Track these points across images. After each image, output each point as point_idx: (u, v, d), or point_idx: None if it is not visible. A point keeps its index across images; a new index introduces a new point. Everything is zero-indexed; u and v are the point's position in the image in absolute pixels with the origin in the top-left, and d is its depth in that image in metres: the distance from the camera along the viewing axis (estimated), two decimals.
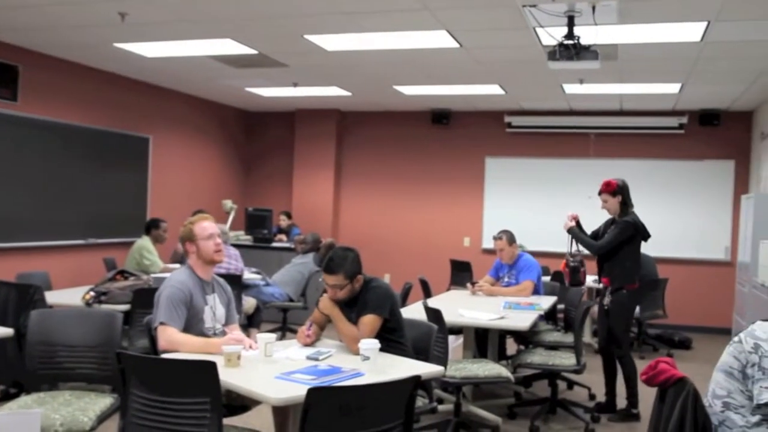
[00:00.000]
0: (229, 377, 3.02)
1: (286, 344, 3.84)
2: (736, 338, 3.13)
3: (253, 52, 7.21)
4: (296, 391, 2.80)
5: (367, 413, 2.72)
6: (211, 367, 2.85)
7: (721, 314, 9.14)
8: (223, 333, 3.81)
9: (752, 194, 7.62)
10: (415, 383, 2.85)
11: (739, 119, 9.80)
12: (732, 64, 7.05)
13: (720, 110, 9.73)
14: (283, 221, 10.53)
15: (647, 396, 3.36)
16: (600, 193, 5.60)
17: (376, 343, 3.32)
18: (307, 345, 3.75)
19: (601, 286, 5.73)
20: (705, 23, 5.63)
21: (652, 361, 3.07)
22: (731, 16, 5.42)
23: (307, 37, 6.54)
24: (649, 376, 3.06)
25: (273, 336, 3.48)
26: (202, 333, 3.70)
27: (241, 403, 3.63)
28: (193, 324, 3.68)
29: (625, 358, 5.48)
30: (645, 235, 5.56)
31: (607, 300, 5.56)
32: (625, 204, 5.54)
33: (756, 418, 2.98)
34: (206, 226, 3.87)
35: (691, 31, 5.88)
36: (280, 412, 3.67)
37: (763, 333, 3.04)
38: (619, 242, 5.47)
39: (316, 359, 3.41)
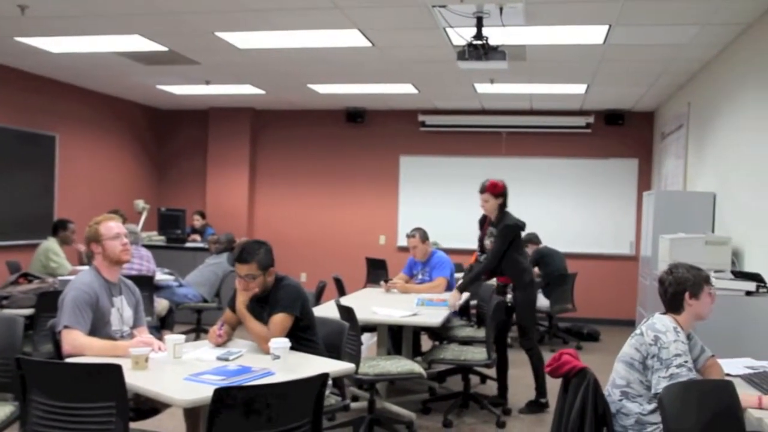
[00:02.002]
0: (136, 380, 2.97)
1: (197, 345, 3.80)
2: (637, 330, 3.28)
3: (163, 49, 7.06)
4: (205, 392, 2.77)
5: (275, 412, 2.73)
6: (116, 370, 2.79)
7: (626, 307, 9.48)
8: (131, 336, 3.73)
9: (653, 191, 7.94)
10: (323, 381, 2.86)
11: (641, 119, 10.20)
12: (633, 66, 7.33)
13: (624, 110, 10.10)
14: (197, 221, 10.38)
15: (555, 386, 3.48)
16: (483, 192, 5.62)
17: (286, 342, 3.32)
18: (218, 345, 3.73)
19: (495, 282, 5.85)
20: (607, 27, 5.84)
21: (556, 353, 3.19)
22: (630, 21, 5.64)
23: (218, 34, 6.46)
24: (553, 368, 3.18)
25: (182, 337, 3.44)
26: (108, 336, 3.62)
27: (150, 407, 3.57)
28: (99, 327, 3.59)
29: (533, 350, 5.61)
30: (523, 227, 5.66)
31: (510, 297, 5.65)
32: (504, 206, 5.65)
33: (652, 406, 3.13)
34: (112, 225, 3.79)
35: (594, 34, 6.09)
36: (192, 415, 3.63)
37: (662, 326, 3.19)
38: (506, 247, 5.55)
39: (226, 359, 3.38)
